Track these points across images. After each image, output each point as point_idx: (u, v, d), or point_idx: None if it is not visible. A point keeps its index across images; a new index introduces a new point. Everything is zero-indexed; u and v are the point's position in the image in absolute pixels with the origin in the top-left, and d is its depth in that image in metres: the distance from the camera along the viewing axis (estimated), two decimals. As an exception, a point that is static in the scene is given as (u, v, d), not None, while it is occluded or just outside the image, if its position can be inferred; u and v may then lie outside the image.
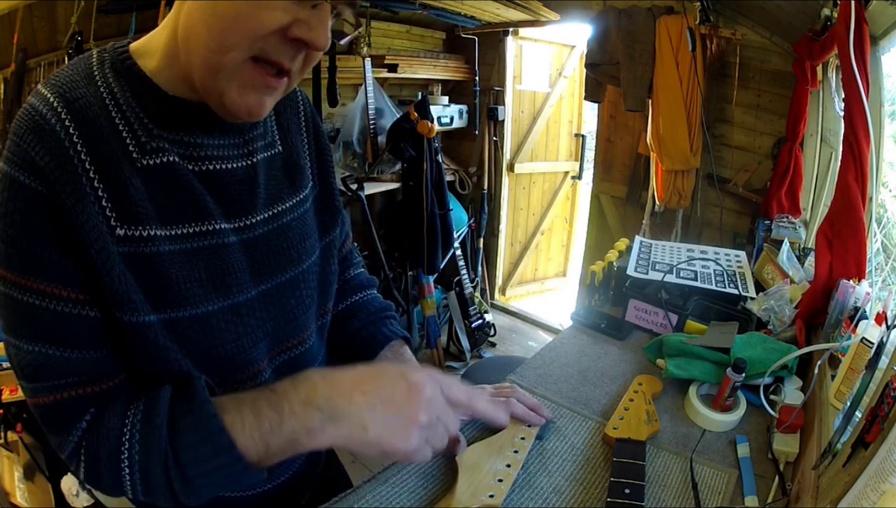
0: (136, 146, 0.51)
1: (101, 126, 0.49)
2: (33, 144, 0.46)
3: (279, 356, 0.65)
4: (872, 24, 1.20)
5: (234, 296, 0.57)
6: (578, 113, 3.60)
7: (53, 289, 0.48)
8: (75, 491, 1.72)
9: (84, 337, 0.50)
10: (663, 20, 2.13)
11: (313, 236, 0.68)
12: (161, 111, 0.53)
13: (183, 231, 0.53)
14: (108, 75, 0.52)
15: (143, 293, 0.50)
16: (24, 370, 0.50)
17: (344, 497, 0.66)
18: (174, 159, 0.53)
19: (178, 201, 0.53)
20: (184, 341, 0.54)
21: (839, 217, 1.08)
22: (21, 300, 0.48)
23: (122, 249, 0.49)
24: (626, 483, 0.64)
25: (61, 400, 0.50)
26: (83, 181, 0.47)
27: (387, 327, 0.79)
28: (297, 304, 0.65)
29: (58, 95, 0.49)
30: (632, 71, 2.22)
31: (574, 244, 3.90)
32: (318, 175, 0.70)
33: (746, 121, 2.15)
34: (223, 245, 0.56)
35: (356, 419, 0.51)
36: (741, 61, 2.06)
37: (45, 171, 0.46)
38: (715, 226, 2.26)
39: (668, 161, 2.23)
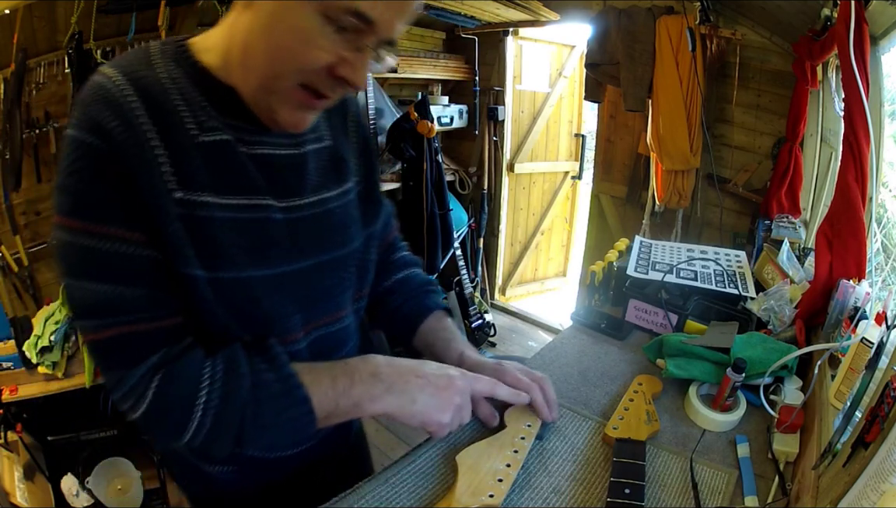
0: (195, 124, 0.56)
1: (162, 102, 0.54)
2: (101, 111, 0.51)
3: (315, 330, 0.70)
4: (872, 24, 1.20)
5: (276, 267, 0.63)
6: (578, 113, 3.60)
7: (121, 232, 0.53)
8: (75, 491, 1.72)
9: (149, 276, 0.55)
10: (663, 20, 2.13)
11: (356, 225, 0.74)
12: (218, 97, 0.58)
13: (234, 202, 0.58)
14: (169, 63, 0.57)
15: (195, 251, 0.56)
16: (87, 309, 0.54)
17: (344, 496, 0.66)
18: (229, 139, 0.58)
19: (232, 175, 0.59)
20: (227, 300, 0.59)
21: (839, 217, 1.08)
22: (87, 245, 0.52)
23: (178, 210, 0.55)
24: (626, 483, 0.64)
25: (128, 333, 0.54)
26: (147, 147, 0.53)
27: (427, 300, 0.86)
28: (336, 284, 0.71)
29: (122, 73, 0.54)
30: (632, 71, 2.22)
31: (574, 244, 3.90)
32: (363, 172, 0.76)
33: (746, 121, 2.15)
34: (270, 220, 0.61)
35: (409, 394, 0.64)
36: (741, 61, 2.06)
37: (112, 133, 0.51)
38: (715, 226, 2.26)
39: (668, 161, 2.23)
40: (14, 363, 1.76)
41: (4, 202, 1.98)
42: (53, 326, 1.78)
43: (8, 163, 1.93)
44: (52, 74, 2.02)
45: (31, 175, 2.07)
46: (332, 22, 0.50)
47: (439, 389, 0.66)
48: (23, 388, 1.77)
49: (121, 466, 1.92)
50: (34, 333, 1.76)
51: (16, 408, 1.78)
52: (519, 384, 0.75)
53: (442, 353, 0.81)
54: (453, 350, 0.80)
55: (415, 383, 0.65)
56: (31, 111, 2.03)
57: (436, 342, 0.82)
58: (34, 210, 2.13)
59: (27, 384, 1.78)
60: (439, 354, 0.81)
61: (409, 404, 0.64)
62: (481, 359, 0.79)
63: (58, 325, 1.78)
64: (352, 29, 0.51)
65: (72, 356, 1.82)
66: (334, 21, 0.50)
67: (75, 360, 1.82)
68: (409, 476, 0.69)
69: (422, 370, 0.67)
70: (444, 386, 0.66)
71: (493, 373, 0.76)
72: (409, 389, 0.64)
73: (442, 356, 0.80)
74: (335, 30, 0.51)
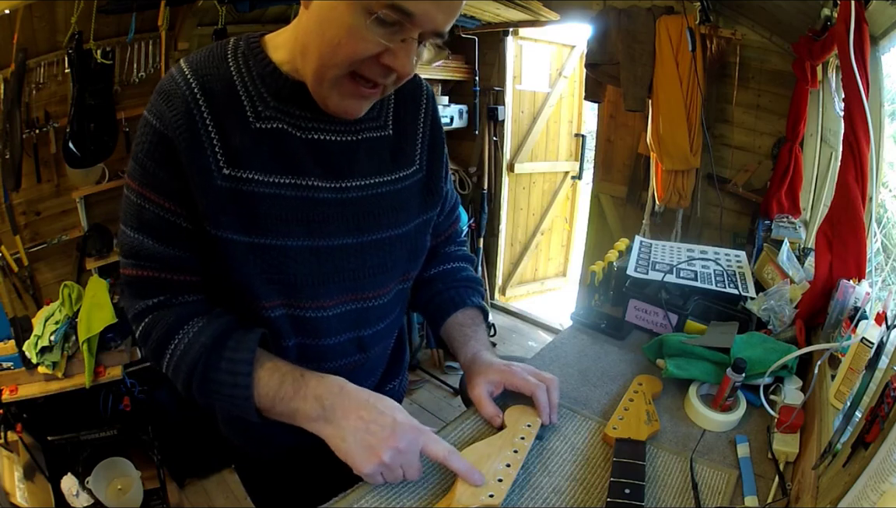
0: (253, 113, 0.65)
1: (224, 96, 0.64)
2: (166, 102, 0.63)
3: (352, 302, 0.75)
4: (872, 24, 1.20)
5: (317, 240, 0.69)
6: (578, 113, 3.60)
7: (160, 200, 0.64)
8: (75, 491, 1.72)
9: (172, 237, 0.66)
10: (663, 20, 2.13)
11: (411, 210, 0.77)
12: (280, 89, 0.65)
13: (279, 180, 0.66)
14: (240, 59, 0.66)
15: (236, 218, 0.65)
16: (124, 249, 0.69)
17: (344, 496, 0.66)
18: (284, 127, 0.66)
19: (282, 158, 0.66)
20: (259, 261, 0.67)
21: (839, 217, 1.08)
22: (136, 202, 0.66)
23: (225, 183, 0.64)
24: (626, 483, 0.64)
25: (143, 276, 0.68)
26: (201, 132, 0.62)
27: (464, 294, 0.88)
28: (380, 263, 0.75)
29: (192, 70, 0.64)
30: (632, 71, 2.22)
31: (574, 244, 3.90)
32: (428, 162, 0.80)
33: (746, 121, 2.15)
34: (314, 198, 0.68)
35: (342, 431, 0.64)
36: (741, 61, 2.05)
37: (172, 122, 0.62)
38: (715, 226, 2.26)
39: (668, 161, 2.23)
40: (14, 363, 1.76)
41: (4, 202, 1.98)
42: (53, 326, 1.78)
43: (8, 163, 1.93)
44: (52, 74, 2.02)
45: (31, 175, 2.08)
46: (374, 16, 0.54)
47: (373, 438, 0.63)
48: (23, 388, 1.77)
49: (121, 466, 1.92)
50: (34, 333, 1.76)
51: (16, 408, 1.78)
52: (525, 385, 0.76)
53: (458, 349, 0.84)
54: (469, 349, 0.82)
55: (353, 422, 0.64)
56: (31, 111, 2.03)
57: (457, 337, 0.85)
58: (34, 210, 2.13)
59: (27, 384, 1.78)
60: (456, 349, 0.84)
61: (339, 440, 0.63)
62: (492, 360, 0.80)
63: (58, 325, 1.78)
64: (392, 22, 0.55)
65: (72, 356, 1.82)
66: (376, 15, 0.54)
67: (75, 360, 1.82)
68: (409, 476, 0.69)
69: (369, 414, 0.64)
70: (379, 438, 0.63)
71: (502, 374, 0.77)
72: (343, 426, 0.64)
73: (457, 353, 0.84)
74: (378, 23, 0.55)
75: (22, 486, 1.71)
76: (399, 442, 0.63)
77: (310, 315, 0.72)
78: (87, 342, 1.78)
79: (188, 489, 2.10)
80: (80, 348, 1.80)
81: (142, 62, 2.17)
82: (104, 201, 2.26)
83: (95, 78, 1.99)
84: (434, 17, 0.56)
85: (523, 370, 0.79)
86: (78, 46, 1.90)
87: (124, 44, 2.09)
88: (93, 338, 1.80)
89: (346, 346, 0.78)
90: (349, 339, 0.77)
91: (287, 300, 0.70)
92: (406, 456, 0.63)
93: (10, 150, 1.92)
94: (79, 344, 1.80)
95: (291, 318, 0.71)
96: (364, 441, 0.63)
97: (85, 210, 2.21)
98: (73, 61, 1.92)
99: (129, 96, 2.20)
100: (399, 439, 0.63)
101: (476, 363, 0.80)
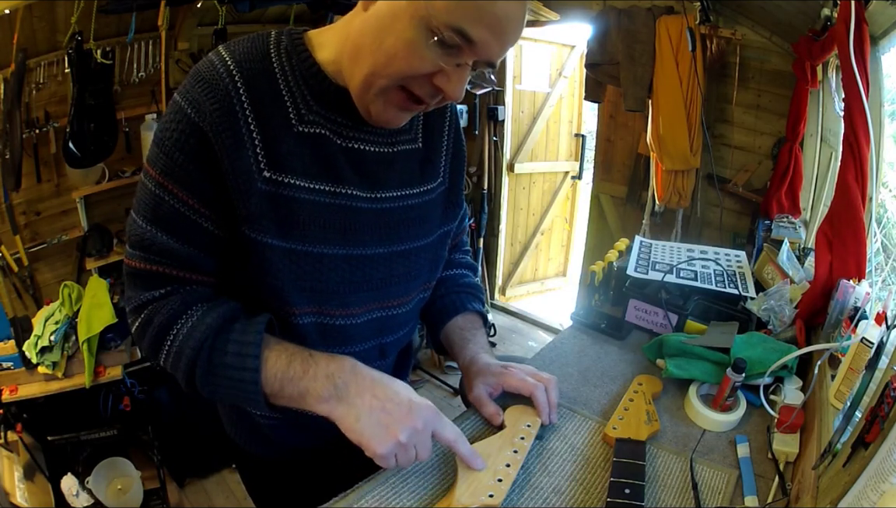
0: (296, 116, 0.63)
1: (267, 94, 0.61)
2: (206, 92, 0.59)
3: (379, 309, 0.75)
4: (872, 24, 1.20)
5: (351, 249, 0.69)
6: (578, 113, 3.60)
7: (181, 194, 0.61)
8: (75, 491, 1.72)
9: (189, 236, 0.63)
10: (663, 20, 2.12)
11: (434, 221, 0.78)
12: (323, 93, 0.64)
13: (319, 187, 0.65)
14: (283, 56, 0.63)
15: (274, 223, 0.63)
16: (132, 239, 0.65)
17: (344, 496, 0.66)
18: (325, 133, 0.65)
19: (322, 164, 0.65)
20: (295, 268, 0.65)
21: (839, 217, 1.08)
22: (153, 192, 0.61)
23: (265, 187, 0.62)
24: (626, 483, 0.64)
25: (150, 270, 0.64)
26: (243, 131, 0.60)
27: (464, 300, 0.89)
28: (405, 272, 0.76)
29: (236, 61, 0.60)
30: (632, 71, 2.22)
31: (574, 244, 3.89)
32: (450, 173, 0.80)
33: (746, 121, 2.15)
34: (352, 207, 0.67)
35: (356, 410, 0.61)
36: (741, 61, 2.05)
37: (210, 115, 0.58)
38: (715, 226, 2.26)
39: (668, 161, 2.23)
40: (14, 363, 1.76)
41: (4, 202, 1.98)
42: (53, 326, 1.78)
43: (8, 163, 1.93)
44: (52, 74, 2.02)
45: (31, 175, 2.08)
46: (435, 36, 0.54)
47: (389, 417, 0.61)
48: (23, 388, 1.77)
49: (121, 466, 1.92)
50: (34, 333, 1.76)
51: (16, 408, 1.78)
52: (523, 385, 0.76)
53: (457, 352, 0.84)
54: (468, 351, 0.82)
55: (367, 402, 0.61)
56: (31, 111, 2.03)
57: (456, 340, 0.85)
58: (34, 210, 2.13)
59: (27, 384, 1.78)
60: (455, 353, 0.84)
61: (352, 419, 0.61)
62: (489, 362, 0.80)
63: (58, 325, 1.78)
64: (453, 45, 0.55)
65: (72, 356, 1.82)
66: (438, 35, 0.54)
67: (75, 360, 1.82)
68: (409, 475, 0.69)
69: (384, 392, 0.62)
70: (395, 417, 0.61)
71: (499, 376, 0.77)
72: (357, 404, 0.61)
73: (456, 356, 0.84)
74: (438, 44, 0.55)
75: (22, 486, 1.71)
76: (416, 421, 0.61)
77: (338, 323, 0.71)
78: (87, 342, 1.79)
79: (188, 489, 2.10)
80: (80, 348, 1.80)
81: (142, 62, 2.17)
82: (104, 200, 2.27)
83: (95, 78, 2.00)
84: (492, 48, 0.57)
85: (521, 370, 0.79)
86: (78, 46, 1.90)
87: (124, 44, 2.09)
88: (93, 338, 1.80)
89: (370, 353, 0.78)
90: (373, 346, 0.78)
91: (317, 308, 0.69)
92: (421, 436, 0.62)
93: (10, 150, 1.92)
94: (79, 344, 1.80)
95: (320, 326, 0.71)
96: (380, 420, 0.60)
97: (85, 210, 2.21)
98: (73, 61, 1.92)
99: (129, 96, 2.20)
100: (416, 418, 0.61)
101: (474, 365, 0.80)
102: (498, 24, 0.55)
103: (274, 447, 0.84)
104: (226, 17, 2.10)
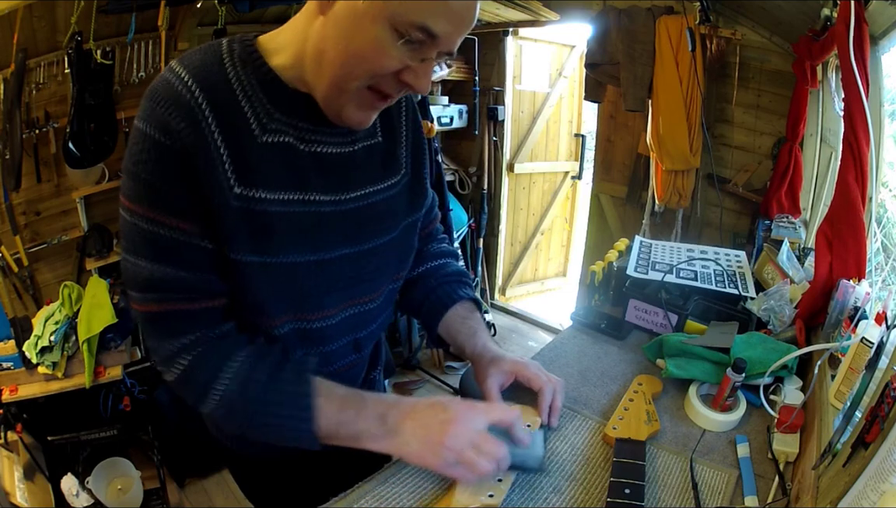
0: (258, 125, 0.62)
1: (228, 104, 0.60)
2: (170, 111, 0.57)
3: (351, 307, 0.75)
4: (872, 24, 1.20)
5: (321, 253, 0.69)
6: (578, 113, 3.60)
7: (176, 222, 0.59)
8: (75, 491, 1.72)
9: (195, 262, 0.61)
10: (663, 20, 2.12)
11: (398, 215, 0.78)
12: (281, 100, 0.63)
13: (287, 197, 0.64)
14: (237, 64, 0.61)
15: (248, 238, 0.62)
16: (138, 283, 0.62)
17: (344, 496, 0.66)
18: (289, 140, 0.64)
19: (287, 173, 0.64)
20: (270, 280, 0.65)
21: (839, 217, 1.08)
22: (147, 229, 0.59)
23: (237, 203, 0.61)
24: (626, 483, 0.64)
25: (171, 310, 0.62)
26: (212, 147, 0.58)
27: (457, 289, 0.89)
28: (374, 269, 0.76)
29: (191, 74, 0.58)
30: (632, 71, 2.22)
31: (574, 244, 3.89)
32: (412, 163, 0.80)
33: (746, 121, 2.15)
34: (318, 213, 0.67)
35: (404, 437, 0.65)
36: (741, 61, 2.05)
37: (180, 134, 0.57)
38: (715, 226, 2.25)
39: (668, 161, 2.23)
40: (14, 363, 1.75)
41: (4, 202, 1.98)
42: (53, 326, 1.78)
43: (8, 163, 1.93)
44: (52, 74, 2.02)
45: (31, 175, 2.07)
46: (401, 35, 0.55)
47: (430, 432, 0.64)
48: (23, 388, 1.77)
49: (121, 466, 1.92)
50: (34, 333, 1.76)
51: (16, 408, 1.78)
52: (536, 378, 0.77)
53: (464, 341, 0.83)
54: (478, 340, 0.83)
55: (409, 426, 0.65)
56: (31, 111, 2.03)
57: (461, 329, 0.85)
58: (34, 210, 2.13)
59: (27, 384, 1.78)
60: (462, 342, 0.84)
61: (404, 446, 0.65)
62: (500, 355, 0.80)
63: (58, 325, 1.78)
64: (418, 41, 0.56)
65: (72, 356, 1.81)
66: (404, 34, 0.55)
67: (75, 360, 1.82)
68: (409, 476, 0.69)
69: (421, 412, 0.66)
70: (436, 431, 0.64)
71: (514, 365, 0.79)
72: (403, 432, 0.65)
73: (463, 345, 0.83)
74: (404, 42, 0.56)
75: (22, 486, 1.71)
76: (452, 427, 0.63)
77: (315, 326, 0.72)
78: (87, 342, 1.78)
79: (188, 489, 2.10)
80: (80, 348, 1.80)
81: (142, 62, 2.17)
82: (104, 201, 2.26)
83: (95, 78, 1.99)
84: (453, 38, 0.58)
85: (533, 365, 0.80)
86: (78, 46, 1.90)
87: (124, 44, 2.08)
88: (93, 338, 1.80)
89: (345, 349, 0.78)
90: (348, 342, 0.78)
91: (294, 314, 0.70)
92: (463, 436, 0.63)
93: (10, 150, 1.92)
94: (79, 344, 1.80)
95: (298, 331, 0.71)
96: (424, 438, 0.64)
97: (85, 210, 2.21)
98: (73, 61, 1.92)
99: (129, 96, 2.19)
100: (451, 424, 0.64)
101: (487, 353, 0.81)
102: (458, 15, 0.57)
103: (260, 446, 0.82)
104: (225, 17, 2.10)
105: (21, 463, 1.77)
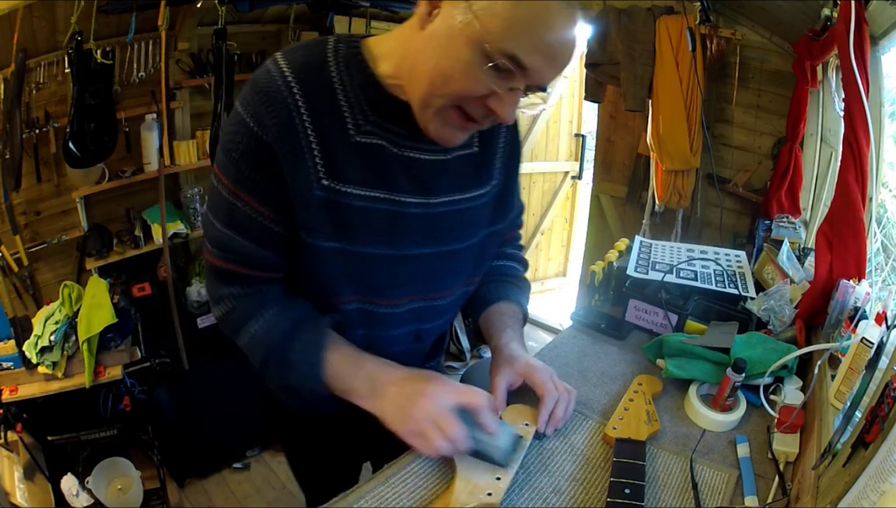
0: (354, 126, 0.66)
1: (326, 104, 0.64)
2: (265, 105, 0.62)
3: (422, 300, 0.79)
4: (872, 24, 1.20)
5: (400, 249, 0.73)
6: (578, 113, 3.59)
7: (254, 203, 0.66)
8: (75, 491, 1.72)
9: (262, 239, 0.68)
10: (663, 20, 2.12)
11: (482, 223, 0.81)
12: (380, 105, 0.66)
13: (372, 194, 0.68)
14: (341, 65, 0.65)
15: (330, 227, 0.67)
16: (210, 239, 0.72)
17: (344, 496, 0.66)
18: (382, 143, 0.67)
19: (376, 172, 0.68)
20: (346, 266, 0.71)
21: (839, 217, 1.08)
22: (227, 199, 0.66)
23: (322, 194, 0.66)
24: (626, 483, 0.64)
25: (227, 269, 0.71)
26: (302, 143, 0.63)
27: (506, 289, 0.90)
28: (450, 271, 0.80)
29: (293, 71, 0.63)
30: (632, 71, 2.22)
31: (574, 244, 3.89)
32: (505, 173, 0.82)
33: (746, 121, 2.15)
34: (403, 213, 0.71)
35: (385, 401, 0.70)
36: (741, 61, 2.05)
37: (271, 129, 0.62)
38: (715, 226, 2.25)
39: (668, 161, 2.23)
40: (14, 363, 1.75)
41: (4, 202, 1.98)
42: (53, 326, 1.78)
43: (8, 163, 1.93)
44: (52, 74, 2.02)
45: (31, 175, 2.07)
46: (490, 61, 0.56)
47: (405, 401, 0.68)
48: (23, 388, 1.77)
49: (121, 466, 1.92)
50: (34, 333, 1.76)
51: (16, 408, 1.78)
52: (543, 386, 0.76)
53: (493, 333, 0.86)
54: (505, 335, 0.84)
55: (392, 391, 0.70)
56: (31, 111, 2.02)
57: (495, 322, 0.86)
58: (34, 210, 2.13)
59: (27, 384, 1.78)
60: (491, 333, 0.86)
61: (382, 410, 0.69)
62: (517, 354, 0.81)
63: (58, 325, 1.78)
64: (505, 70, 0.57)
65: (72, 355, 1.81)
66: (492, 60, 0.56)
67: (75, 360, 1.82)
68: (409, 476, 0.69)
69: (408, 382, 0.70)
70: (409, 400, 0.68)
71: (526, 367, 0.79)
72: (385, 395, 0.70)
73: (491, 336, 0.86)
74: (492, 68, 0.57)
75: (22, 486, 1.71)
76: (423, 401, 0.67)
77: (382, 311, 0.76)
78: (87, 342, 1.78)
79: (188, 489, 2.10)
80: (80, 348, 1.80)
81: (142, 62, 2.17)
82: (104, 201, 2.26)
83: (95, 78, 1.99)
84: (544, 74, 0.59)
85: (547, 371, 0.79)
86: (78, 46, 1.89)
87: (124, 44, 2.08)
88: (93, 338, 1.80)
89: (406, 336, 0.82)
90: (410, 331, 0.81)
91: (363, 297, 0.75)
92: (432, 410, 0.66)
93: (10, 150, 1.92)
94: (79, 344, 1.80)
95: (363, 312, 0.76)
96: (399, 405, 0.68)
97: (85, 210, 2.21)
98: (73, 61, 1.91)
99: (129, 96, 2.20)
100: (421, 398, 0.67)
101: (506, 350, 0.81)
102: (550, 51, 0.57)
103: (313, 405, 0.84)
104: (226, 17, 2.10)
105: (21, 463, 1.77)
